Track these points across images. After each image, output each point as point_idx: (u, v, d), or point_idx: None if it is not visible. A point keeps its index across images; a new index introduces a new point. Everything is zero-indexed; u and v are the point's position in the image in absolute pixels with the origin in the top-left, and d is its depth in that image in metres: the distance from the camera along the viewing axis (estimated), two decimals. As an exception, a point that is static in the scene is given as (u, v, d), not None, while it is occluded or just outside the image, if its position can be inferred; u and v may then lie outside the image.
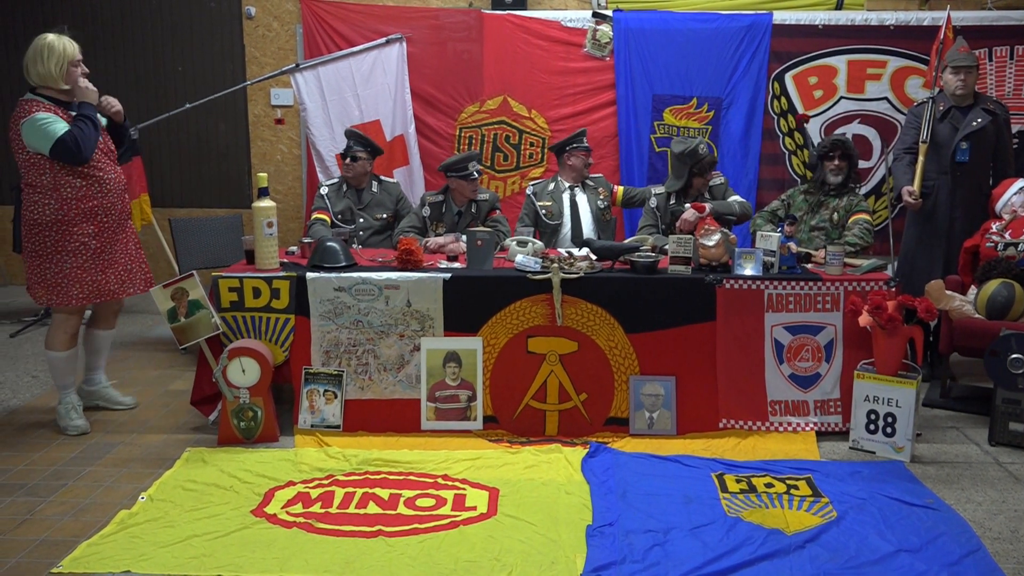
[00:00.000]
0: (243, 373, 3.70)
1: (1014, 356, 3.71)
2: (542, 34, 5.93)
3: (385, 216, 4.90)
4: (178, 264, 5.60)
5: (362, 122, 5.74)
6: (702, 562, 2.76)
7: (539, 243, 4.29)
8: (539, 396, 3.89)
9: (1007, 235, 4.32)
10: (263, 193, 3.93)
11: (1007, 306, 4.07)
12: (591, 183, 4.93)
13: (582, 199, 4.88)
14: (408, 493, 3.27)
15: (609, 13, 5.88)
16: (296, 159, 6.82)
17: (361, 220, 4.84)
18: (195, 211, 6.88)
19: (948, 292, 4.27)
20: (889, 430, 3.67)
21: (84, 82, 3.69)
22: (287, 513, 3.09)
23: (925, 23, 5.67)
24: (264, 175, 4.01)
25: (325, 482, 3.37)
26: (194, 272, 3.82)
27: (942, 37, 4.93)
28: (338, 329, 3.87)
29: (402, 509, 3.14)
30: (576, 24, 5.90)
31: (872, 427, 3.71)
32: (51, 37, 3.59)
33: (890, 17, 5.80)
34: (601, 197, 4.87)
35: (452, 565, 2.76)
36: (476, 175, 4.68)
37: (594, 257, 4.06)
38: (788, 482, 3.39)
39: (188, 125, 6.75)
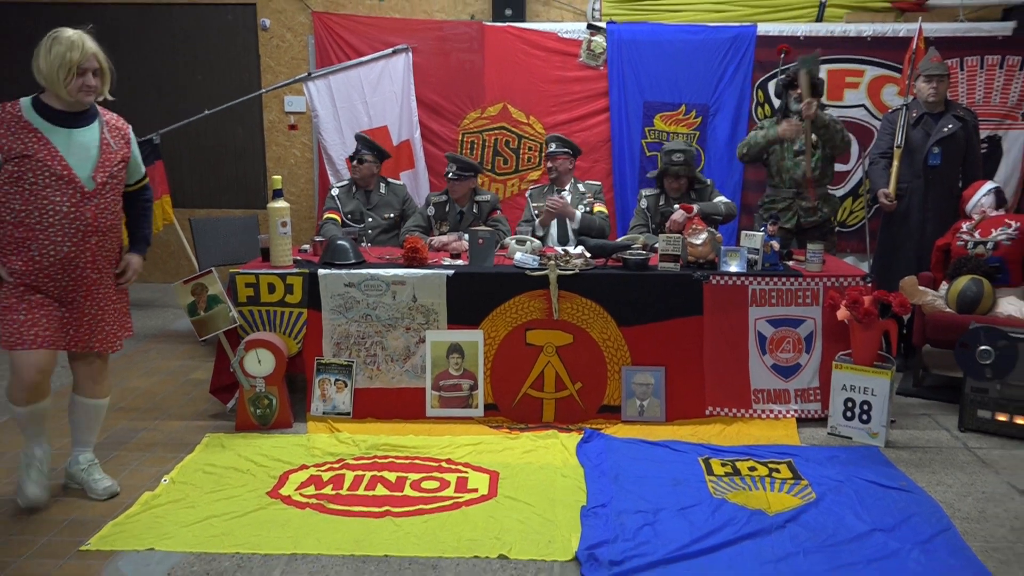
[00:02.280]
0: (259, 363, 3.71)
1: (982, 348, 3.71)
2: (540, 45, 5.92)
3: (392, 216, 4.89)
4: (198, 261, 5.60)
5: (370, 128, 5.73)
6: (689, 540, 2.77)
7: (537, 242, 4.29)
8: (537, 385, 3.90)
9: (976, 234, 4.32)
10: (277, 195, 3.93)
11: (976, 301, 4.08)
12: (583, 189, 4.86)
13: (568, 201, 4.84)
14: (414, 476, 3.28)
15: (603, 25, 5.87)
16: (308, 163, 6.82)
17: (370, 219, 4.84)
18: (214, 211, 6.89)
19: (921, 288, 4.27)
20: (865, 417, 3.68)
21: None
22: (300, 495, 3.10)
23: (900, 34, 5.66)
24: (278, 178, 4.01)
25: (336, 465, 3.38)
26: (212, 269, 3.83)
27: (915, 47, 4.92)
28: (348, 322, 3.88)
29: (408, 491, 3.15)
30: (572, 35, 5.89)
31: (849, 414, 3.72)
32: (67, 31, 2.79)
33: (867, 29, 5.79)
34: (585, 202, 4.80)
35: (455, 543, 2.77)
36: (453, 176, 4.65)
37: (588, 255, 4.06)
38: (770, 466, 3.40)
39: (207, 131, 6.74)
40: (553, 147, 4.82)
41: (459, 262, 4.06)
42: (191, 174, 6.96)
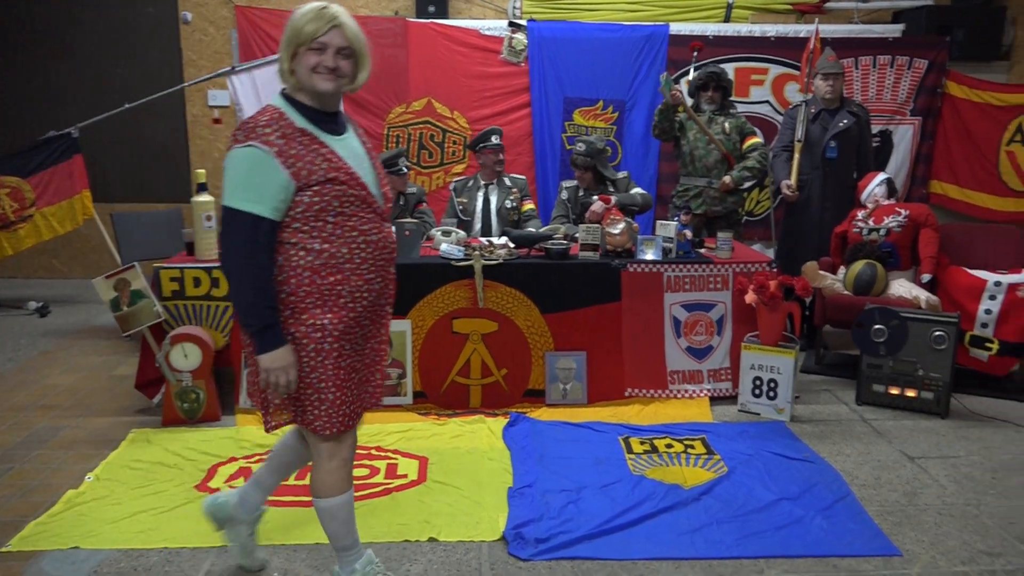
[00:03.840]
0: (185, 358, 3.59)
1: (876, 327, 3.87)
2: (462, 41, 5.88)
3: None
4: (120, 256, 5.37)
5: (296, 122, 5.60)
6: (611, 516, 2.81)
7: (462, 233, 4.26)
8: (464, 372, 3.88)
9: (871, 222, 4.50)
10: (202, 188, 3.80)
11: (871, 283, 4.24)
12: (508, 183, 4.85)
13: (493, 196, 4.83)
14: (344, 464, 3.23)
15: (524, 23, 5.87)
16: (234, 157, 6.61)
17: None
18: (137, 205, 6.61)
19: (821, 272, 4.42)
20: (772, 394, 3.79)
21: None
22: (229, 487, 3.02)
23: (801, 35, 5.83)
24: (202, 171, 3.88)
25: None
26: (135, 263, 3.68)
27: (812, 47, 5.08)
28: (276, 315, 3.78)
29: (338, 479, 3.10)
30: (493, 32, 5.88)
31: (757, 392, 3.83)
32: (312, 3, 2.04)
33: (771, 29, 5.95)
34: (511, 198, 4.80)
35: (385, 528, 2.74)
36: (405, 170, 4.61)
37: (512, 245, 4.06)
38: (685, 442, 3.47)
39: (129, 125, 6.44)
40: (496, 140, 4.79)
41: (386, 254, 4.00)
42: (113, 168, 6.65)
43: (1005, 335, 3.98)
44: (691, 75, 5.02)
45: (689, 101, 4.87)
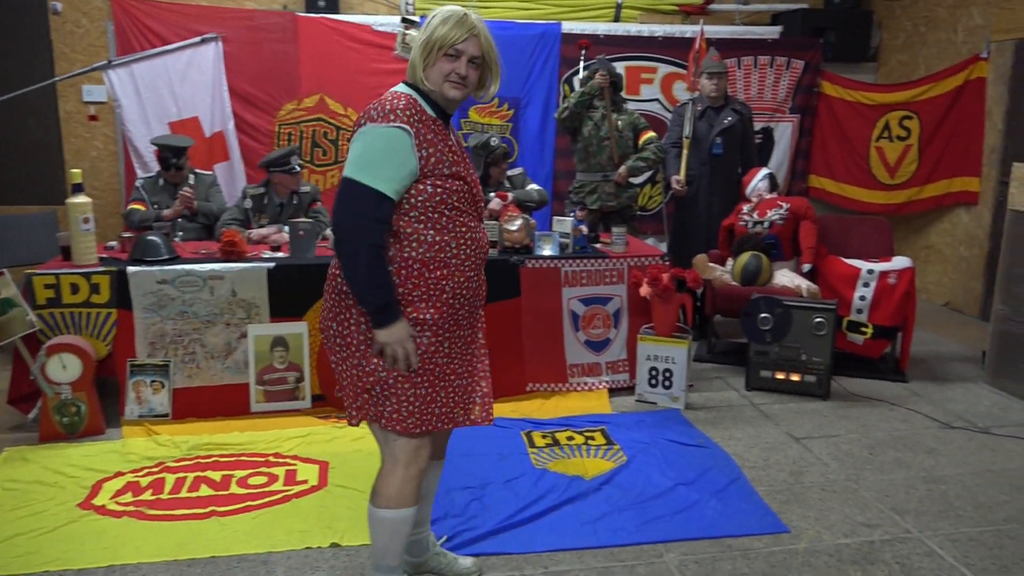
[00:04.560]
0: (64, 369, 3.38)
1: (763, 315, 4.05)
2: (355, 37, 5.77)
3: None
4: (-12, 263, 5.01)
5: (180, 119, 5.37)
6: (515, 510, 2.84)
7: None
8: (364, 373, 3.82)
9: (755, 215, 4.70)
10: (77, 189, 3.59)
11: (757, 274, 4.44)
12: None
13: None
14: (240, 473, 3.13)
15: (417, 19, 5.81)
16: (113, 155, 6.26)
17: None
18: (7, 208, 6.17)
19: (710, 264, 4.59)
20: (667, 383, 3.91)
21: None
22: (116, 503, 2.87)
23: (687, 35, 6.02)
24: (78, 171, 3.66)
25: (155, 470, 3.15)
26: (5, 271, 3.43)
27: (697, 47, 5.26)
28: (163, 320, 3.61)
29: (235, 488, 3.00)
30: (386, 28, 5.79)
31: (653, 381, 3.94)
32: (453, 6, 2.10)
33: (659, 30, 6.12)
34: None
35: (286, 536, 2.67)
36: (298, 169, 4.49)
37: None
38: (586, 434, 3.54)
39: (-7, 121, 6.03)
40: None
41: (280, 254, 3.90)
42: (-23, 169, 6.20)
43: (878, 319, 4.24)
44: (580, 74, 5.11)
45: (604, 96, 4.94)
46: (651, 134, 4.91)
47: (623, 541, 2.68)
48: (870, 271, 4.28)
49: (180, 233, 4.44)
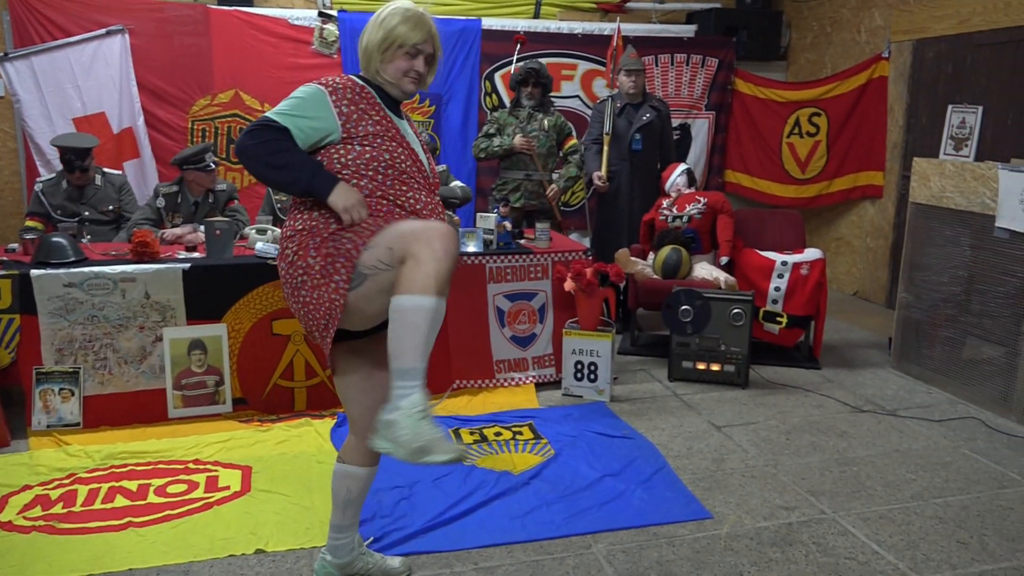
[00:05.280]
0: (-38, 379, 3.20)
1: (683, 307, 4.14)
2: (270, 31, 5.63)
3: (111, 209, 4.43)
4: None
5: (85, 114, 5.14)
6: (444, 508, 2.83)
7: (278, 230, 4.10)
8: (287, 375, 3.75)
9: (674, 210, 4.81)
10: (-27, 189, 3.40)
11: (677, 267, 4.54)
12: None
13: None
14: (158, 482, 3.02)
15: (334, 13, 5.72)
16: (12, 152, 5.94)
17: (87, 213, 4.34)
18: None
19: (632, 258, 4.67)
20: (592, 376, 3.97)
21: None
22: (24, 518, 2.73)
23: (606, 33, 6.11)
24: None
25: (66, 481, 3.01)
26: None
27: (615, 45, 5.35)
28: (71, 326, 3.45)
29: (152, 498, 2.89)
30: (303, 22, 5.68)
31: (579, 375, 3.99)
32: (406, 3, 2.21)
33: (578, 27, 6.19)
34: None
35: (208, 545, 2.60)
36: (213, 166, 4.36)
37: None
38: (514, 429, 3.55)
39: None
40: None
41: (195, 255, 3.78)
42: None
43: (792, 309, 4.40)
44: (513, 68, 5.11)
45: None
46: (574, 141, 4.96)
47: (552, 534, 2.70)
48: (784, 263, 4.44)
49: (88, 236, 4.25)
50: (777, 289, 4.42)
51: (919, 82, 5.69)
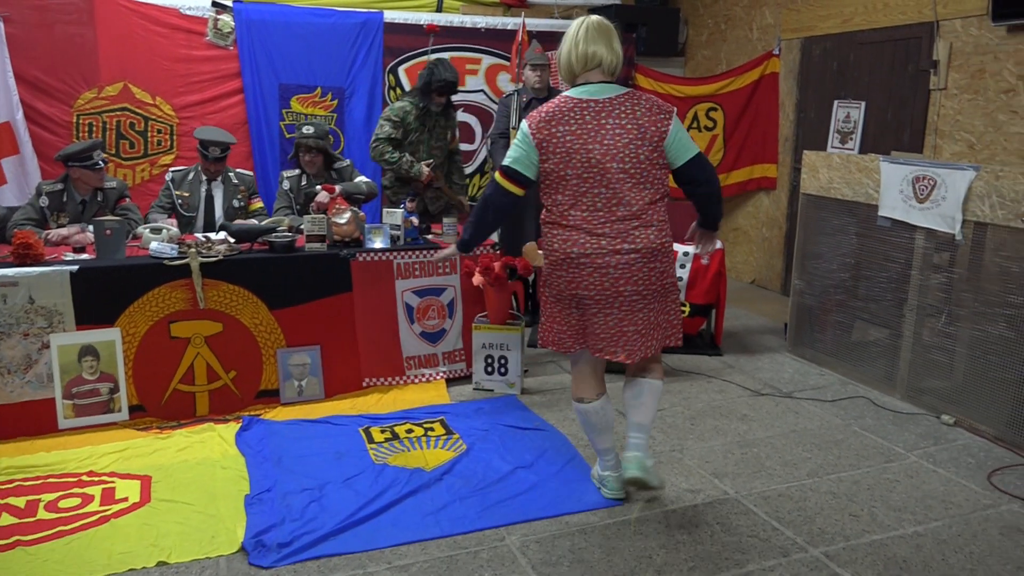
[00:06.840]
0: None
1: (590, 299, 4.20)
2: (161, 21, 5.39)
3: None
4: None
5: (-44, 108, 4.80)
6: (355, 508, 2.79)
7: (174, 229, 3.94)
8: (187, 379, 3.61)
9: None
10: None
11: (583, 260, 4.60)
12: (235, 180, 4.54)
13: (218, 193, 4.51)
14: (48, 496, 2.86)
15: (229, 4, 5.52)
16: None
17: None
18: None
19: (540, 251, 4.71)
20: (503, 370, 3.99)
21: None
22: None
23: (509, 27, 6.14)
24: None
25: (30, 482, 2.83)
26: None
27: (520, 39, 5.38)
28: (-54, 335, 3.23)
29: (42, 514, 2.74)
30: (196, 12, 5.46)
31: (490, 369, 4.01)
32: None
33: (481, 21, 6.18)
34: (239, 196, 4.52)
35: (106, 560, 2.48)
36: (102, 164, 4.14)
37: (232, 240, 3.84)
38: (425, 425, 3.54)
39: None
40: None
41: (84, 256, 3.59)
42: None
43: (694, 298, 4.55)
44: (429, 57, 5.05)
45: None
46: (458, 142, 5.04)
47: (466, 529, 2.71)
48: (685, 253, 4.57)
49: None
50: (679, 279, 4.55)
51: (807, 78, 5.96)
